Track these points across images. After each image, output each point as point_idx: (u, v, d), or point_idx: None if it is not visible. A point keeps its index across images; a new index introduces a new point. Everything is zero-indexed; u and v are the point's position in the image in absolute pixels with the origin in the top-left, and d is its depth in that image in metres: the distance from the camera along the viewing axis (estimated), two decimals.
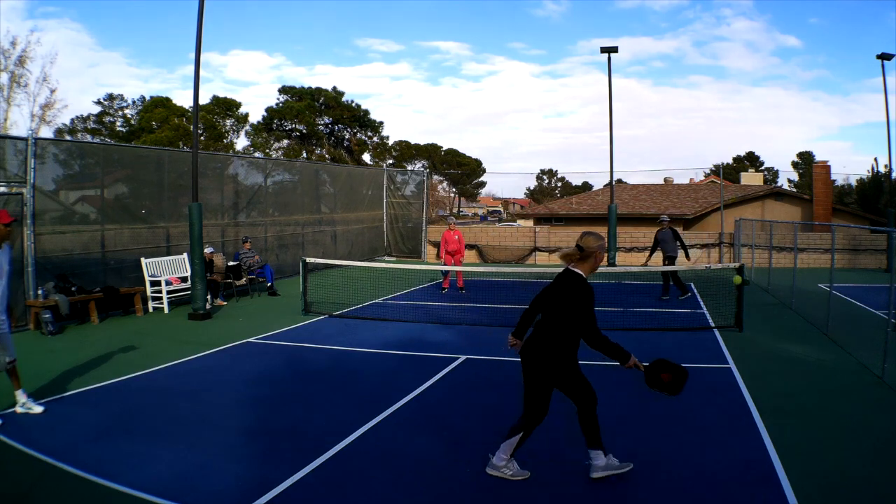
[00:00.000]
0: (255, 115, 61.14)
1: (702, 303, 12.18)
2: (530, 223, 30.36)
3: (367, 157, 52.33)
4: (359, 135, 51.72)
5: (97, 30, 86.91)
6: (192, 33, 12.33)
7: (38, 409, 5.79)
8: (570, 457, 4.70)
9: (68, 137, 39.94)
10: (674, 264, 12.70)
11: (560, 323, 4.18)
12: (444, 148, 67.87)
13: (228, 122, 46.71)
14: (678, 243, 12.86)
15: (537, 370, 4.19)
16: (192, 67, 11.13)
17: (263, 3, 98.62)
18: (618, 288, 14.54)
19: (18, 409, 5.74)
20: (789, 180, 58.54)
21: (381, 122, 53.09)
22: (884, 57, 20.18)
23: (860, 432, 5.28)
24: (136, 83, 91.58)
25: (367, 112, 51.13)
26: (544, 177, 79.86)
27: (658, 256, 13.39)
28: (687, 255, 13.42)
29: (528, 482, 4.32)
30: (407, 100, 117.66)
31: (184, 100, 50.39)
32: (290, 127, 48.33)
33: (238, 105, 46.73)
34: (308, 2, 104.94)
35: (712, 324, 10.01)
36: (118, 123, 48.94)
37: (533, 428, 4.31)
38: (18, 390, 5.78)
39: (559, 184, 79.29)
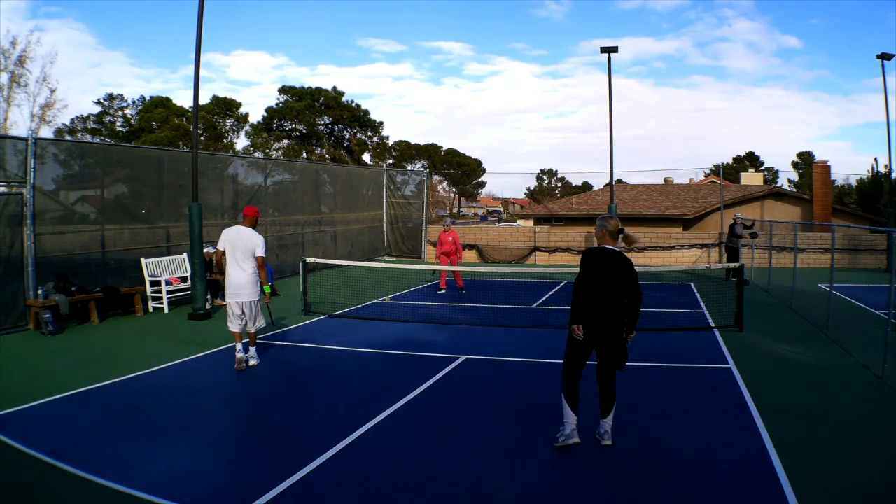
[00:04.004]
0: (256, 115, 61.23)
1: (702, 303, 12.17)
2: (530, 223, 30.35)
3: (367, 157, 52.38)
4: (359, 135, 51.73)
5: (99, 30, 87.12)
6: (194, 33, 12.31)
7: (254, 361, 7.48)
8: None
9: (68, 137, 39.93)
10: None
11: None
12: (445, 148, 68.05)
13: (228, 122, 46.72)
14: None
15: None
16: (193, 67, 11.13)
17: (266, 4, 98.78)
18: None
19: (252, 362, 7.42)
20: (789, 180, 58.62)
21: (381, 122, 53.22)
22: (884, 57, 20.17)
23: (860, 432, 5.28)
24: (138, 83, 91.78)
25: (366, 112, 51.23)
26: (544, 177, 79.90)
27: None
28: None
29: (528, 481, 4.32)
30: (409, 100, 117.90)
31: (184, 100, 50.46)
32: (290, 127, 48.34)
33: (238, 105, 46.82)
34: (311, 2, 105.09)
35: (712, 324, 10.01)
36: (118, 123, 48.98)
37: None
38: (252, 347, 7.51)
39: (559, 184, 79.33)
